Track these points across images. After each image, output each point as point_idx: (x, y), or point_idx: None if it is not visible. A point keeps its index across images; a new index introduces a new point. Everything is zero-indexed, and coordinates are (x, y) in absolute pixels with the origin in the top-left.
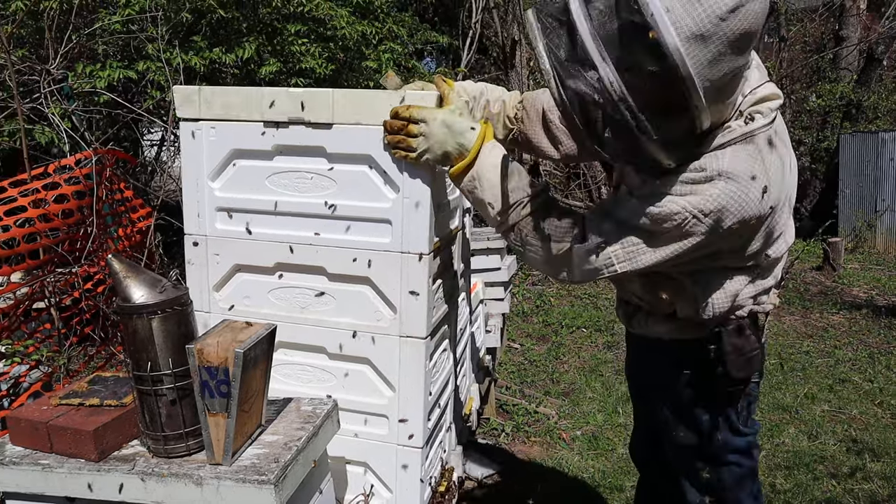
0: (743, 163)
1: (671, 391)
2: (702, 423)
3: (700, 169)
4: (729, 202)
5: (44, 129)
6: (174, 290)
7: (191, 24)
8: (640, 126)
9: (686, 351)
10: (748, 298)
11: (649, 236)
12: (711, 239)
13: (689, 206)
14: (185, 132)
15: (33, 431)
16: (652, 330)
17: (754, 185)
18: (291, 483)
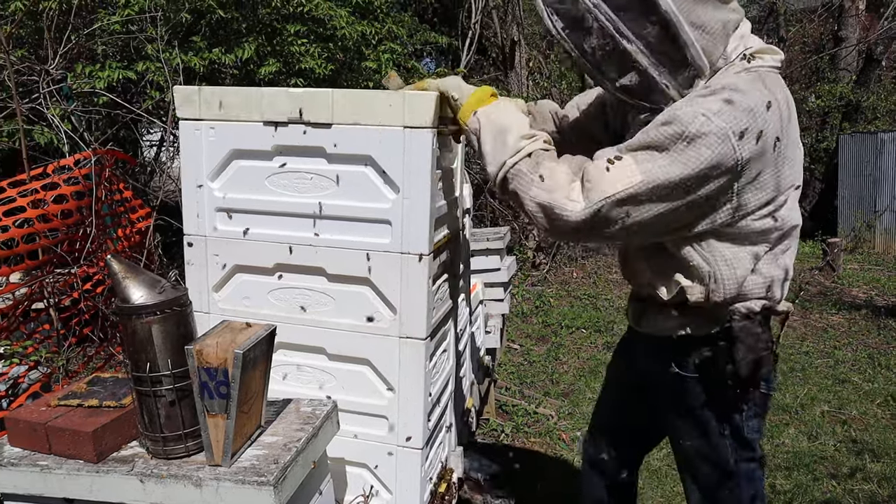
0: (747, 81)
1: (679, 392)
2: (709, 427)
3: (704, 87)
4: (736, 104)
5: (43, 129)
6: (173, 290)
7: (190, 24)
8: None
9: (696, 349)
10: (759, 286)
11: (664, 146)
12: (722, 150)
13: (697, 109)
14: (185, 132)
15: (32, 432)
16: (662, 327)
17: (759, 95)
18: (291, 484)
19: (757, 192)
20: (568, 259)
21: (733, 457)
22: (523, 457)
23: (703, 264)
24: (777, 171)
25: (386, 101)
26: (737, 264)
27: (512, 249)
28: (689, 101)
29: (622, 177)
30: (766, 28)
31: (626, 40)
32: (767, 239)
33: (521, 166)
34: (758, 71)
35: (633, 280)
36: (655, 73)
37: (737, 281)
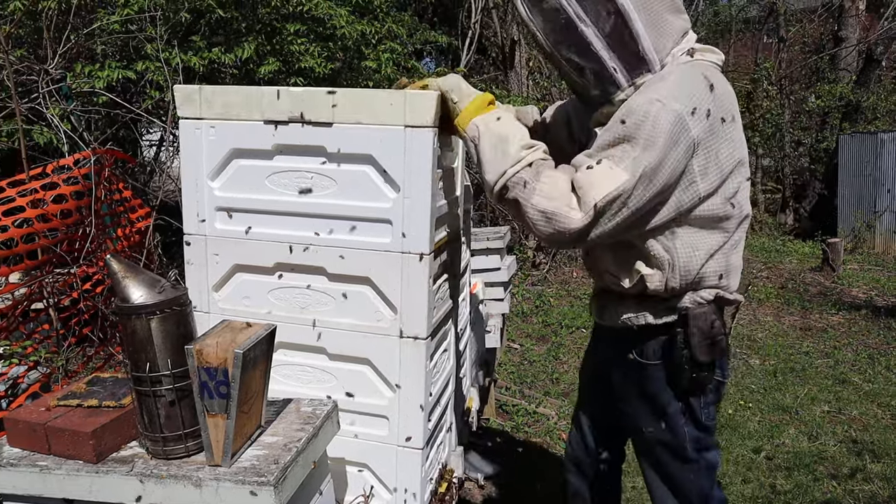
0: (689, 69)
1: (639, 380)
2: (667, 414)
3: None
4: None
5: (42, 129)
6: (173, 290)
7: (190, 23)
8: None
9: (654, 337)
10: (713, 275)
11: (633, 137)
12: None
13: (649, 97)
14: (185, 131)
15: (31, 433)
16: (623, 318)
17: (701, 79)
18: (291, 484)
19: (712, 170)
20: (568, 259)
21: (692, 444)
22: (523, 457)
23: (664, 253)
24: (729, 150)
25: (387, 101)
26: (694, 253)
27: (512, 249)
28: (639, 93)
29: (609, 177)
30: (766, 28)
31: (583, 23)
32: (726, 228)
33: (522, 175)
34: (700, 62)
35: (597, 273)
36: (606, 56)
37: (694, 269)
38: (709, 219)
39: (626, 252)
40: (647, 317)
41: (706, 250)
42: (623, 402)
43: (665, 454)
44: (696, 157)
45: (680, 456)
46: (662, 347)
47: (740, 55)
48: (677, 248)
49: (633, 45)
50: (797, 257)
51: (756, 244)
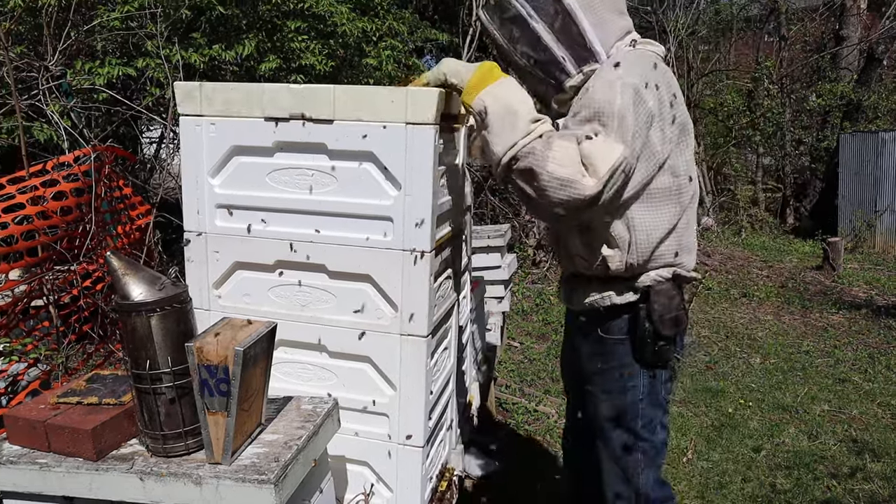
0: (632, 54)
1: (602, 355)
2: (626, 389)
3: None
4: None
5: (42, 126)
6: (173, 287)
7: (190, 20)
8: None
9: (619, 316)
10: (669, 253)
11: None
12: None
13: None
14: (186, 128)
15: (31, 430)
16: (589, 301)
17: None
18: (291, 482)
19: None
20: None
21: (644, 421)
22: (523, 455)
23: (625, 233)
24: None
25: (388, 97)
26: (652, 232)
27: (512, 247)
28: (597, 77)
29: (610, 148)
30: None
31: (534, 21)
32: (679, 203)
33: (534, 144)
34: (640, 50)
35: (567, 257)
36: (555, 47)
37: (651, 246)
38: (666, 191)
39: (590, 234)
40: (612, 297)
41: (662, 229)
42: (588, 382)
43: (616, 431)
44: (653, 128)
45: (631, 432)
46: (627, 324)
47: (741, 54)
48: (636, 227)
49: (580, 39)
50: (797, 256)
51: (756, 243)
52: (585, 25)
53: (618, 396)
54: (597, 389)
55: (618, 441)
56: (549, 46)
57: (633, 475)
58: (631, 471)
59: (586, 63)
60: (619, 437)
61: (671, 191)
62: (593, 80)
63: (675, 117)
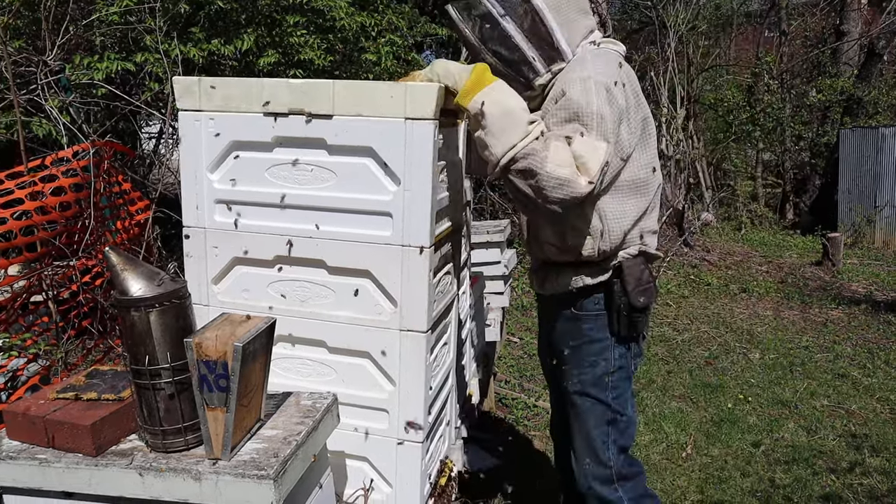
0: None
1: (574, 333)
2: (597, 364)
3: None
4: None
5: (41, 121)
6: (172, 283)
7: (189, 15)
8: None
9: (591, 295)
10: (636, 236)
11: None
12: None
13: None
14: (184, 123)
15: (30, 426)
16: (562, 285)
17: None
18: (291, 478)
19: (633, 132)
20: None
21: (613, 393)
22: (523, 450)
23: (596, 222)
24: (642, 115)
25: (387, 93)
26: (622, 218)
27: (512, 243)
28: (567, 73)
29: (596, 147)
30: (767, 22)
31: (505, 20)
32: (646, 193)
33: (533, 145)
34: (604, 49)
35: (538, 246)
36: (525, 46)
37: (622, 232)
38: (633, 183)
39: (562, 223)
40: (583, 279)
41: (632, 216)
42: (558, 358)
43: (587, 402)
44: (622, 124)
45: (603, 403)
46: (602, 300)
47: (741, 49)
48: (607, 216)
49: (548, 38)
50: (797, 251)
51: (756, 238)
52: (553, 25)
53: (589, 370)
54: (570, 367)
55: (589, 413)
56: (519, 46)
57: (602, 448)
58: (601, 443)
59: (554, 62)
60: (591, 408)
61: (638, 182)
62: (563, 79)
63: (639, 113)
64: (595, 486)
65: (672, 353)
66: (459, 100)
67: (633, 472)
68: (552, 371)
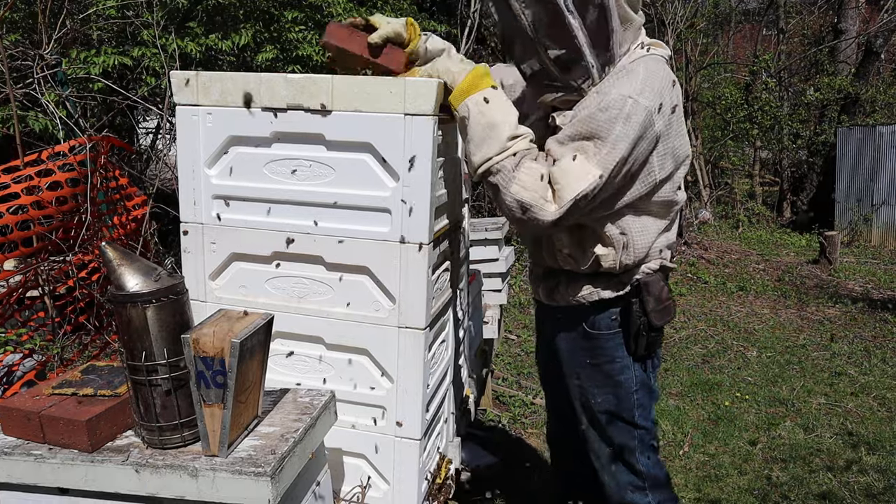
0: (655, 62)
1: (591, 350)
2: (619, 382)
3: (620, 70)
4: (651, 83)
5: (37, 115)
6: (169, 278)
7: (187, 9)
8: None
9: (606, 309)
10: (657, 251)
11: (605, 133)
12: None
13: (622, 92)
14: (182, 118)
15: (26, 421)
16: (574, 297)
17: (665, 74)
18: (288, 475)
19: (668, 161)
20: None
21: (640, 411)
22: (520, 447)
23: (620, 235)
24: (682, 141)
25: (387, 88)
26: (646, 233)
27: (510, 240)
28: (612, 85)
29: (582, 174)
30: (765, 20)
31: (571, 15)
32: (669, 212)
33: (504, 163)
34: (654, 56)
35: (549, 254)
36: (587, 50)
37: (645, 247)
38: (660, 204)
39: (581, 233)
40: (599, 292)
41: (655, 230)
42: (572, 377)
43: (613, 422)
44: (657, 150)
45: (628, 422)
46: (619, 317)
47: (739, 47)
48: (632, 229)
49: (606, 40)
50: (794, 250)
51: (753, 236)
52: (616, 24)
53: (612, 390)
54: (588, 384)
55: (616, 434)
56: (581, 48)
57: (635, 462)
58: (633, 458)
59: (606, 67)
60: (618, 429)
61: (666, 202)
62: (605, 87)
63: (678, 139)
64: (629, 495)
65: (669, 350)
66: (451, 99)
67: (662, 476)
68: (557, 382)
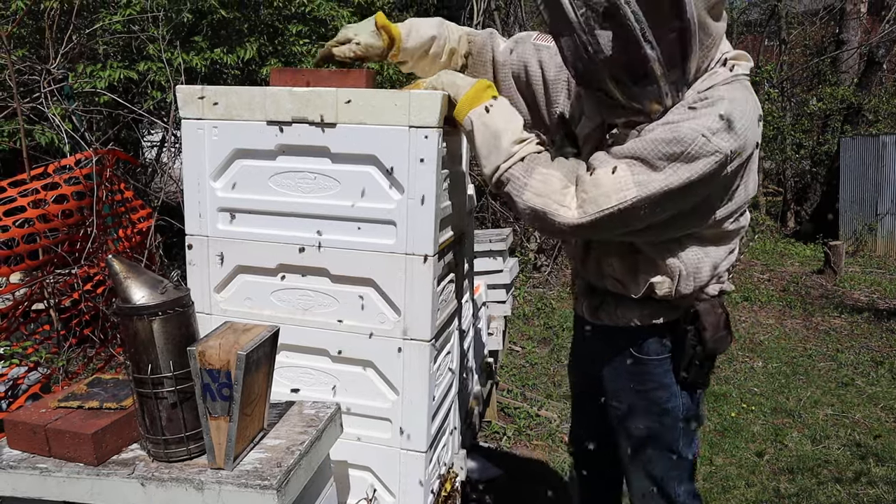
0: (739, 91)
1: (638, 379)
2: (665, 410)
3: (701, 98)
4: (734, 123)
5: (44, 129)
6: (175, 291)
7: (192, 24)
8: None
9: (655, 335)
10: (717, 275)
11: (659, 162)
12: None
13: (696, 127)
14: (188, 132)
15: (31, 434)
16: (621, 318)
17: (752, 110)
18: (294, 488)
19: (733, 201)
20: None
21: (684, 440)
22: (525, 460)
23: (677, 263)
24: (750, 176)
25: (391, 101)
26: (708, 262)
27: (514, 251)
28: (686, 114)
29: (616, 189)
30: (767, 31)
31: (649, 45)
32: (735, 238)
33: (514, 171)
34: (741, 81)
35: (597, 275)
36: (663, 81)
37: (705, 276)
38: (721, 234)
39: (633, 258)
40: (650, 317)
41: (715, 258)
42: (614, 400)
43: (656, 451)
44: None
45: (671, 451)
46: (671, 343)
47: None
48: (689, 258)
49: (684, 63)
50: (799, 260)
51: (757, 247)
52: (695, 48)
53: (658, 418)
54: (631, 410)
55: (657, 462)
56: (656, 79)
57: (673, 492)
58: (671, 489)
59: (680, 92)
60: (659, 458)
61: (729, 231)
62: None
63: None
64: None
65: None
66: (455, 112)
67: None
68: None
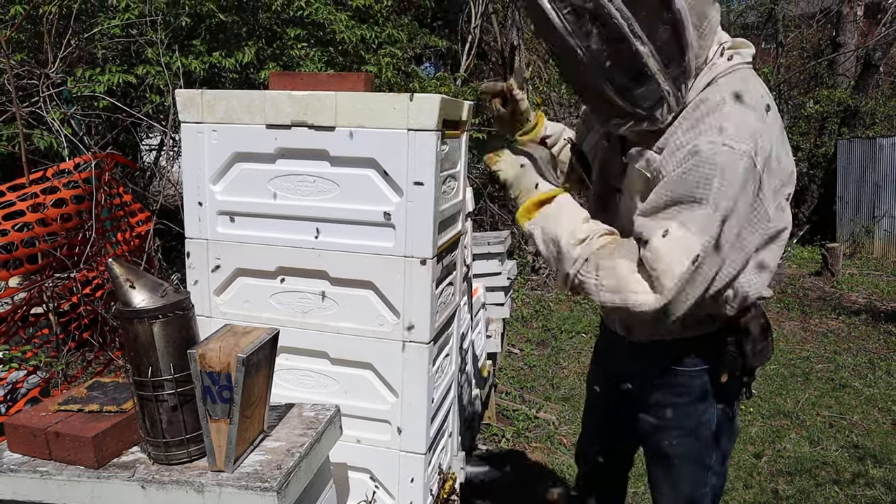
0: (741, 82)
1: (673, 392)
2: (700, 423)
3: (702, 101)
4: (746, 118)
5: (43, 133)
6: (175, 294)
7: (190, 28)
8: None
9: (693, 347)
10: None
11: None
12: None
13: (714, 140)
14: (187, 135)
15: (32, 438)
16: (656, 333)
17: (759, 101)
18: (294, 490)
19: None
20: None
21: (718, 455)
22: (524, 462)
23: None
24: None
25: (390, 104)
26: (762, 273)
27: (512, 254)
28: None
29: (679, 252)
30: (764, 34)
31: (640, 41)
32: (779, 239)
33: (581, 275)
34: (742, 70)
35: None
36: (661, 78)
37: (760, 288)
38: (770, 237)
39: None
40: (688, 332)
41: (771, 266)
42: (647, 413)
43: (689, 467)
44: (763, 192)
45: (703, 466)
46: (708, 356)
47: None
48: (740, 284)
49: (681, 58)
50: (796, 262)
51: None
52: (691, 37)
53: (693, 432)
54: (665, 423)
55: (687, 477)
56: (653, 76)
57: None
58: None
59: (682, 88)
60: (690, 473)
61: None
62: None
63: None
64: None
65: None
66: (518, 217)
67: None
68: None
